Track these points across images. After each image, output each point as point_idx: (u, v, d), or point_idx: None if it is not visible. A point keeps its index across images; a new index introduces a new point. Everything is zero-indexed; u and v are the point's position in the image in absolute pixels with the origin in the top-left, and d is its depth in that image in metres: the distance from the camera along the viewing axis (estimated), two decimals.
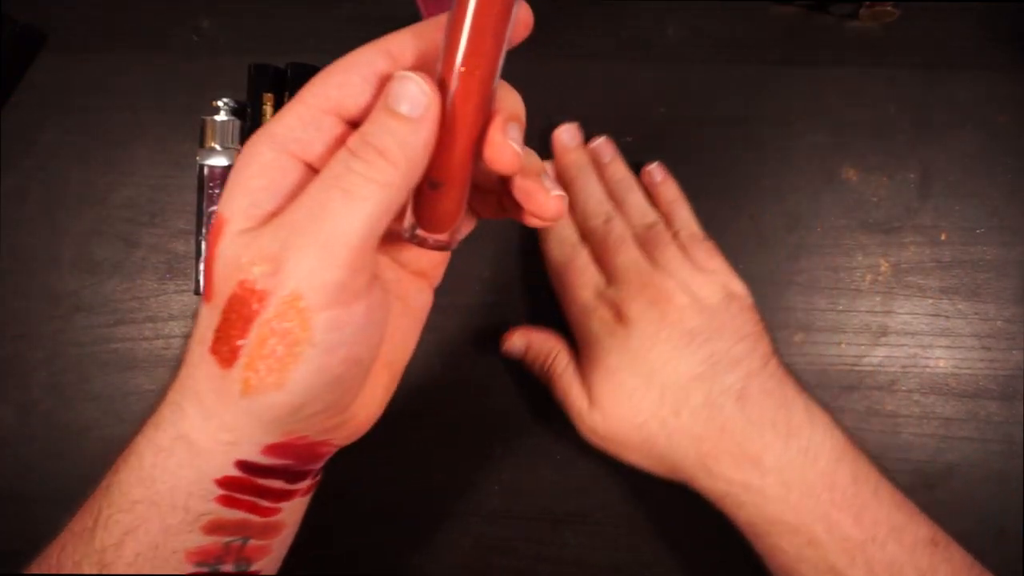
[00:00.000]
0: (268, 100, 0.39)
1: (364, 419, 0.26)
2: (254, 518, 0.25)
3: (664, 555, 0.39)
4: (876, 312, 0.40)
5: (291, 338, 0.21)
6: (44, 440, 0.40)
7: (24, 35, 0.42)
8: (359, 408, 0.25)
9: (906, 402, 0.39)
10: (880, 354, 0.40)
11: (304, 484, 0.26)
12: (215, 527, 0.24)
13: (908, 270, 0.40)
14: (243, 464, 0.23)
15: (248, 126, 0.40)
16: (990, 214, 0.40)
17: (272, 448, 0.23)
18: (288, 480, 0.25)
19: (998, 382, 0.39)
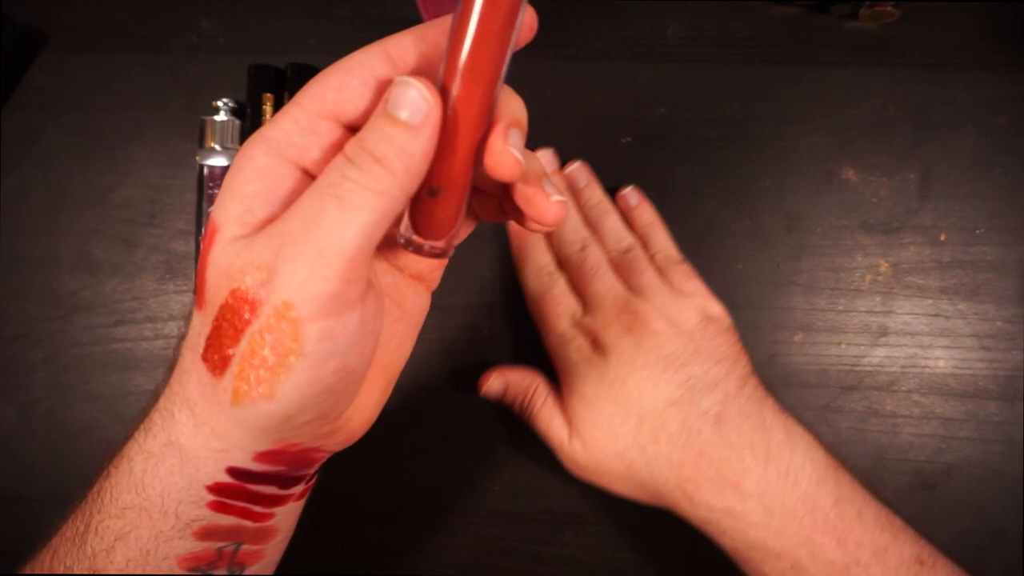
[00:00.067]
0: (268, 100, 0.39)
1: (358, 425, 0.26)
2: (247, 523, 0.25)
3: (664, 556, 0.39)
4: (876, 312, 0.40)
5: (282, 348, 0.20)
6: (44, 440, 0.40)
7: (24, 35, 0.42)
8: (353, 414, 0.25)
9: (906, 402, 0.39)
10: (880, 354, 0.40)
11: (298, 489, 0.26)
12: (207, 533, 0.24)
13: (908, 270, 0.40)
14: (234, 471, 0.23)
15: (248, 126, 0.40)
16: (990, 214, 0.40)
17: (264, 455, 0.23)
18: (281, 486, 0.25)
19: (998, 382, 0.39)
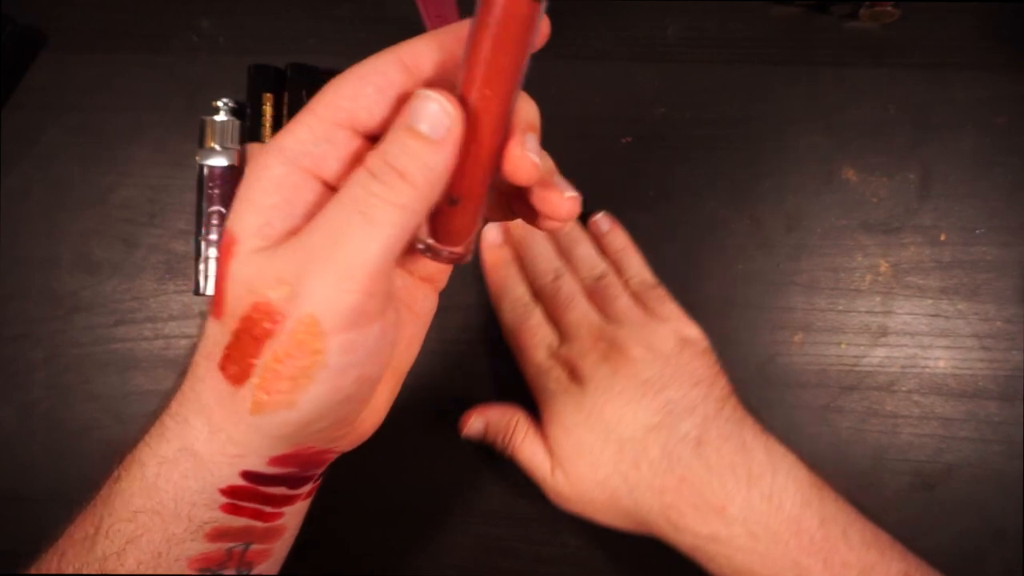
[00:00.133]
0: (268, 100, 0.39)
1: (369, 425, 0.26)
2: (257, 524, 0.25)
3: (664, 557, 0.39)
4: (876, 312, 0.40)
5: (305, 361, 0.20)
6: (44, 440, 0.40)
7: (24, 35, 0.42)
8: (366, 416, 0.25)
9: (906, 402, 0.39)
10: (880, 354, 0.40)
11: (306, 489, 0.27)
12: (218, 534, 0.24)
13: (908, 270, 0.40)
14: (248, 474, 0.23)
15: (248, 126, 0.40)
16: (990, 214, 0.40)
17: (278, 459, 0.23)
18: (290, 486, 0.25)
19: (998, 382, 0.39)
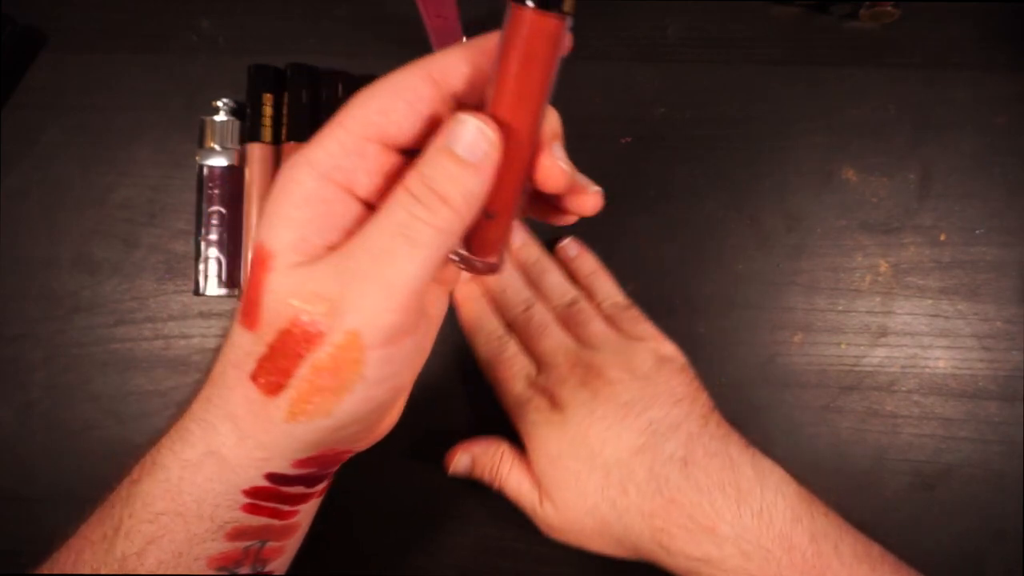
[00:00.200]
0: (268, 100, 0.39)
1: (386, 426, 0.27)
2: (275, 522, 0.25)
3: None
4: (876, 312, 0.40)
5: (346, 374, 0.21)
6: (44, 440, 0.40)
7: (24, 35, 0.42)
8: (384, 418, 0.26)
9: (906, 402, 0.39)
10: (880, 354, 0.40)
11: (321, 486, 0.27)
12: (238, 533, 0.24)
13: (908, 270, 0.40)
14: (272, 476, 0.24)
15: (248, 126, 0.40)
16: (989, 215, 0.40)
17: (303, 461, 0.24)
18: (308, 485, 0.26)
19: (998, 382, 0.39)
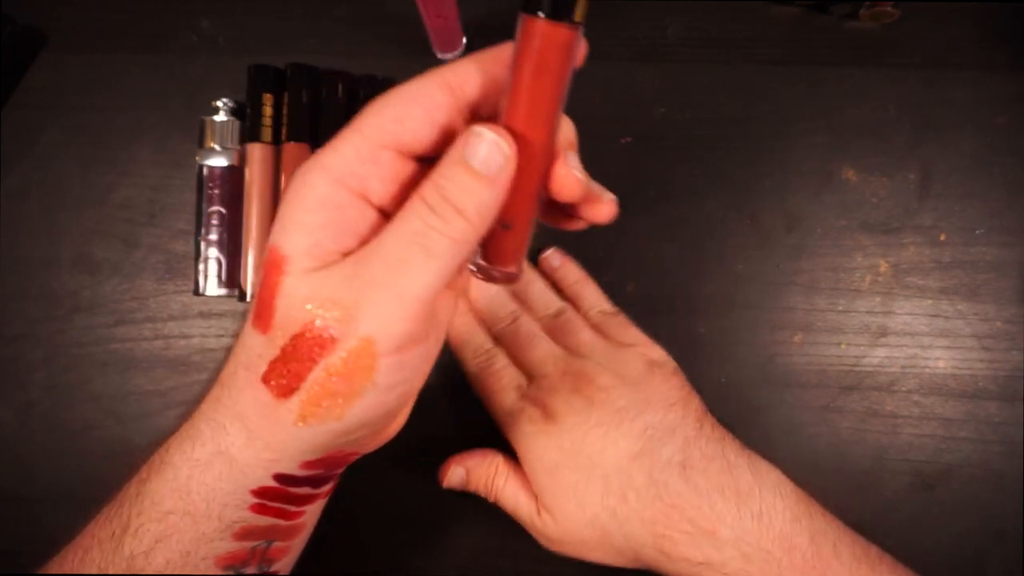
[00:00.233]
0: (268, 100, 0.39)
1: (394, 429, 0.27)
2: (281, 522, 0.26)
3: None
4: (876, 312, 0.40)
5: (358, 380, 0.21)
6: (44, 440, 0.40)
7: (24, 35, 0.42)
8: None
9: (906, 402, 0.39)
10: (880, 354, 0.40)
11: (327, 488, 0.27)
12: (245, 533, 0.25)
13: (908, 270, 0.40)
14: (280, 476, 0.24)
15: (248, 126, 0.40)
16: (989, 215, 0.40)
17: (310, 463, 0.24)
18: (314, 485, 0.26)
19: (998, 382, 0.39)
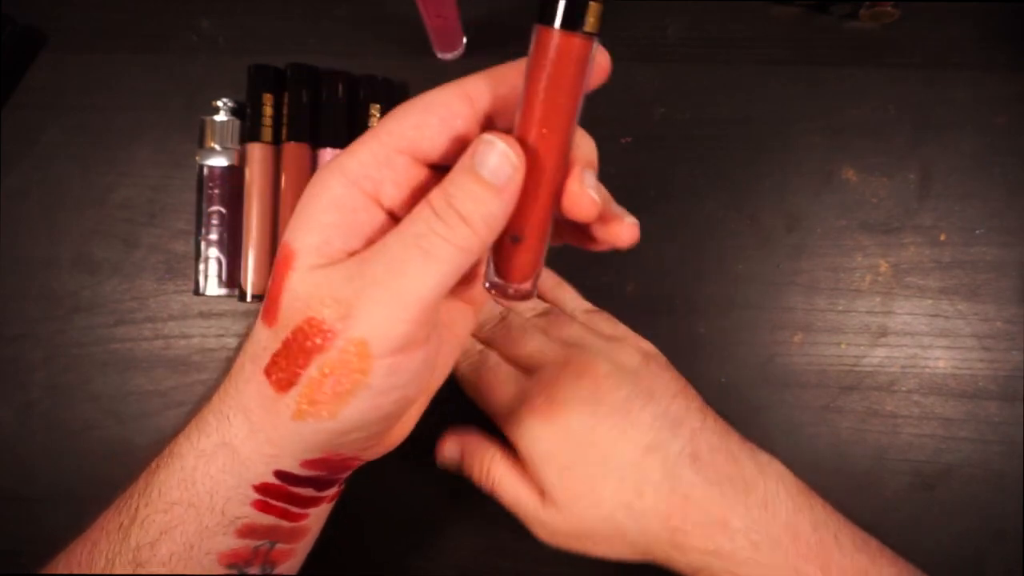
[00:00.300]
0: (268, 100, 0.39)
1: (397, 436, 0.27)
2: (284, 523, 0.26)
3: None
4: (876, 312, 0.40)
5: (351, 379, 0.21)
6: (44, 440, 0.40)
7: (24, 35, 0.42)
8: (394, 429, 0.26)
9: (906, 402, 0.39)
10: (880, 354, 0.40)
11: (331, 491, 0.27)
12: (248, 531, 0.25)
13: (908, 270, 0.40)
14: (281, 474, 0.24)
15: (248, 126, 0.40)
16: (989, 215, 0.40)
17: (310, 462, 0.24)
18: (318, 488, 0.26)
19: (998, 382, 0.39)
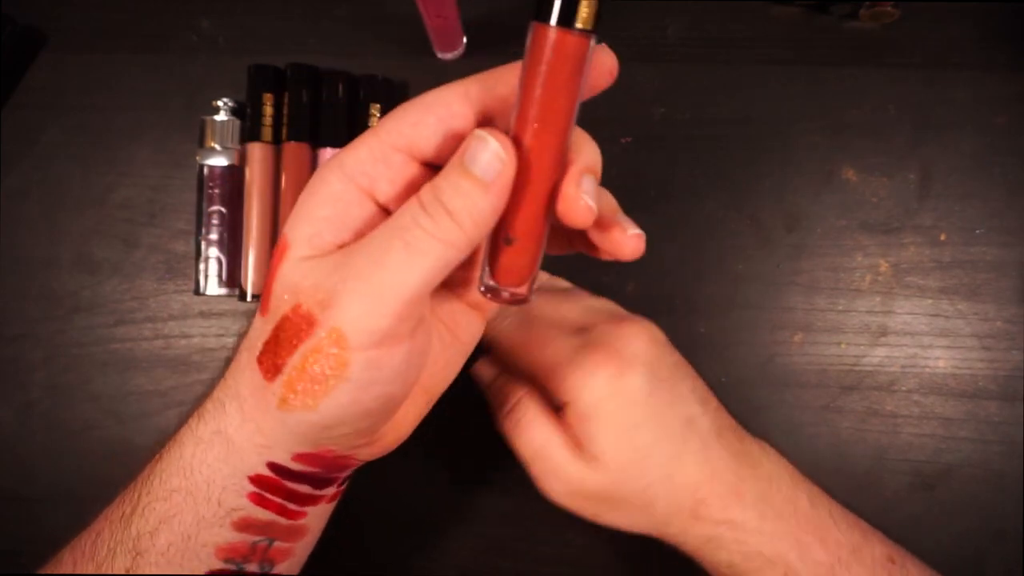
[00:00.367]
0: (268, 100, 0.39)
1: (393, 439, 0.27)
2: (281, 520, 0.26)
3: (667, 556, 0.39)
4: (876, 312, 0.40)
5: (329, 370, 0.22)
6: (44, 440, 0.40)
7: (24, 35, 0.42)
8: (389, 430, 0.26)
9: (906, 402, 0.39)
10: (880, 354, 0.40)
11: (330, 491, 0.27)
12: (245, 524, 0.25)
13: (908, 270, 0.40)
14: (274, 466, 0.24)
15: (248, 126, 0.40)
16: (989, 215, 0.40)
17: (302, 456, 0.24)
18: (315, 486, 0.26)
19: (998, 382, 0.39)
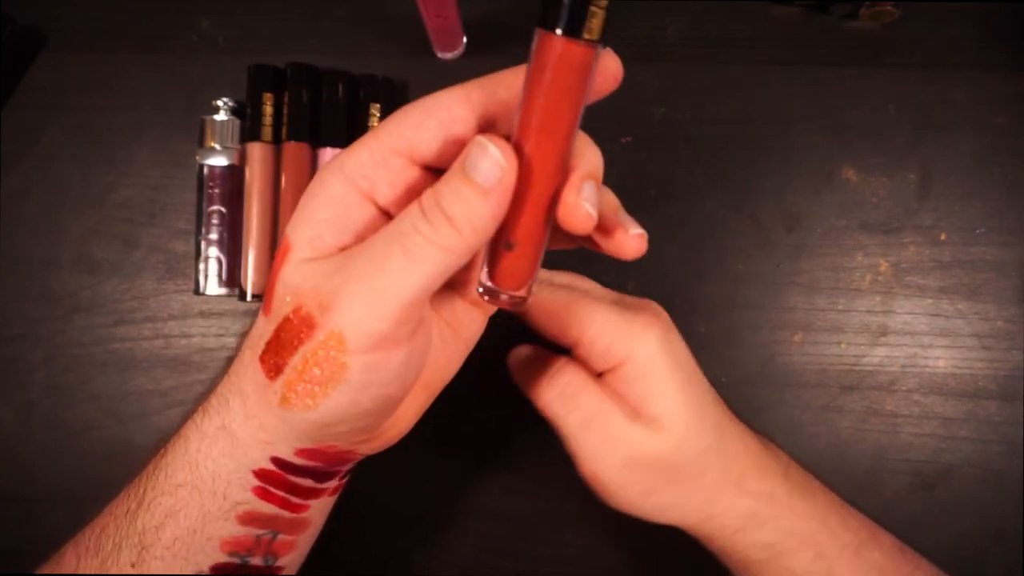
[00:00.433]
0: (268, 100, 0.39)
1: (394, 434, 0.27)
2: (284, 513, 0.26)
3: (667, 556, 0.39)
4: (876, 312, 0.40)
5: (329, 372, 0.22)
6: (44, 440, 0.40)
7: (24, 35, 0.42)
8: (389, 426, 0.26)
9: (906, 402, 0.39)
10: (880, 354, 0.40)
11: (331, 484, 0.28)
12: (249, 518, 0.25)
13: (908, 270, 0.40)
14: (277, 460, 0.25)
15: (248, 126, 0.40)
16: (990, 214, 0.40)
17: (303, 452, 0.25)
18: (317, 479, 0.26)
19: (998, 382, 0.39)
